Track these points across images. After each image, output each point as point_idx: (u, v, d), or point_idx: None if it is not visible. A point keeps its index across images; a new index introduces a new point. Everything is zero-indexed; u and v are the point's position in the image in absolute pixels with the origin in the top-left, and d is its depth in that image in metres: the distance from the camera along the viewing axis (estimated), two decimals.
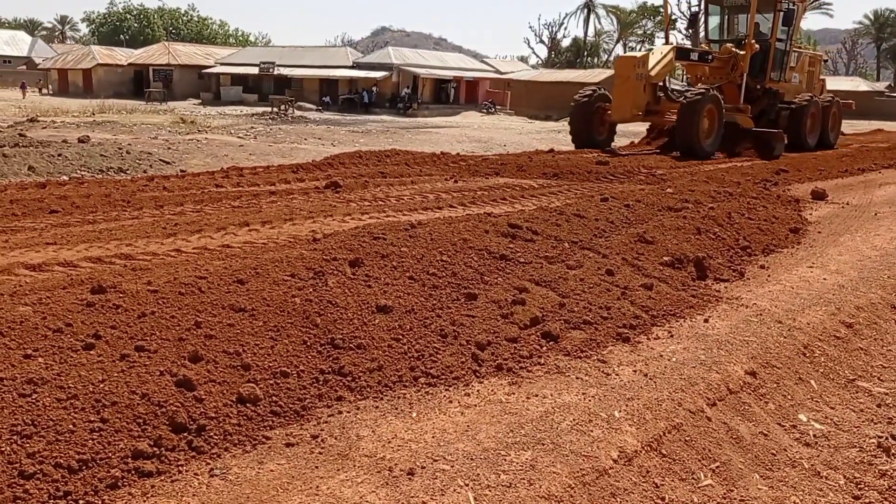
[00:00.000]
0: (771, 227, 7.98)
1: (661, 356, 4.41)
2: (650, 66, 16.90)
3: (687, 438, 3.60)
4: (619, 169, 12.61)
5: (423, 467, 3.10)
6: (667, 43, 19.07)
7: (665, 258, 6.14)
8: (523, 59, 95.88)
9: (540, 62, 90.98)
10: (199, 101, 52.69)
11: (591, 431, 3.45)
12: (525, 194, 9.59)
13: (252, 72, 54.68)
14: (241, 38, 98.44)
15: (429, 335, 4.35)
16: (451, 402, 3.75)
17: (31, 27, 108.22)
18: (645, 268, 5.88)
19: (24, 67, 75.28)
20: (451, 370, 4.05)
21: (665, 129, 18.36)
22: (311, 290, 4.51)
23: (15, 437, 2.88)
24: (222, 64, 58.38)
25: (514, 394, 3.87)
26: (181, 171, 12.42)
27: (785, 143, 17.16)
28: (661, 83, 17.79)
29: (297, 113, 39.20)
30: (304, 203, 8.19)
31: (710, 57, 18.46)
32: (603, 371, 4.15)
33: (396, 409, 3.65)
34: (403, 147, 16.10)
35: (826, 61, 30.60)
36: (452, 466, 3.12)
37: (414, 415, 3.59)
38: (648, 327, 4.86)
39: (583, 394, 3.85)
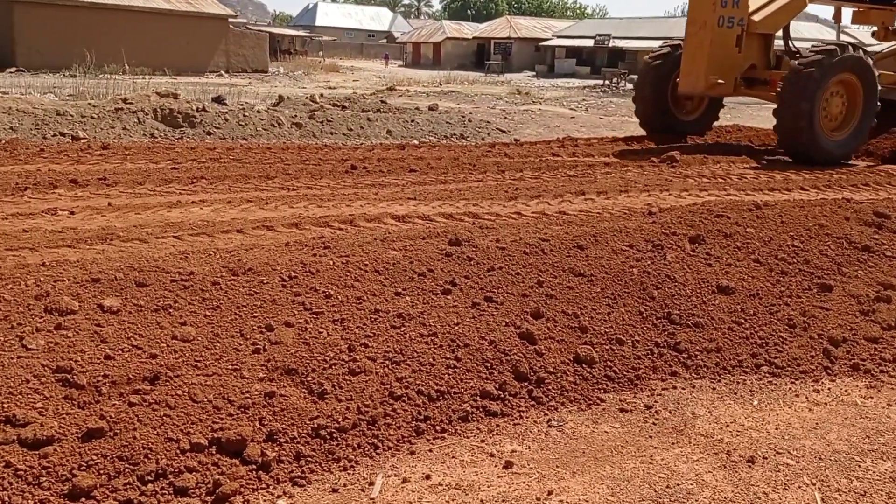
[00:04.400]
0: None
1: None
2: (752, 6, 10.33)
3: None
4: None
5: (764, 457, 2.94)
6: None
7: None
8: None
9: None
10: (534, 73, 54.46)
11: None
12: (892, 181, 8.42)
13: (587, 44, 55.01)
14: (578, 11, 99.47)
15: (774, 323, 4.08)
16: (797, 395, 3.50)
17: (392, 4, 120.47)
18: None
19: (385, 41, 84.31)
20: (799, 363, 3.76)
21: None
22: (648, 262, 4.48)
23: (387, 363, 3.31)
24: (558, 37, 59.51)
25: (871, 398, 3.49)
26: (515, 139, 12.99)
27: None
28: (774, 35, 10.76)
29: (628, 86, 38.64)
30: (638, 176, 8.10)
31: None
32: None
33: (735, 393, 3.50)
34: (744, 123, 15.03)
35: None
36: (798, 462, 2.91)
37: (755, 403, 3.41)
38: None
39: None
